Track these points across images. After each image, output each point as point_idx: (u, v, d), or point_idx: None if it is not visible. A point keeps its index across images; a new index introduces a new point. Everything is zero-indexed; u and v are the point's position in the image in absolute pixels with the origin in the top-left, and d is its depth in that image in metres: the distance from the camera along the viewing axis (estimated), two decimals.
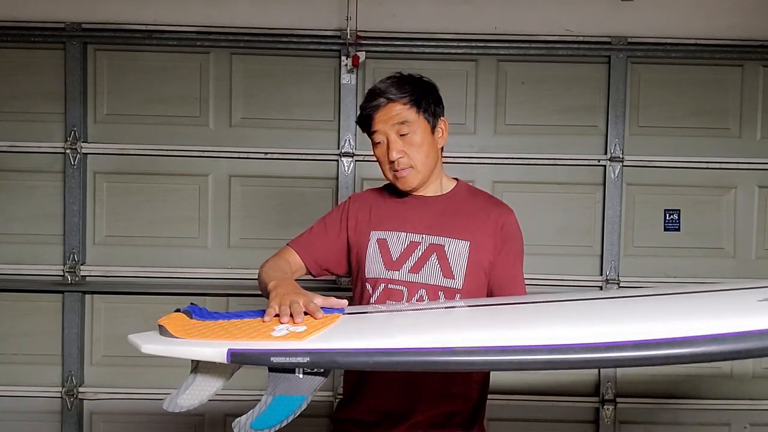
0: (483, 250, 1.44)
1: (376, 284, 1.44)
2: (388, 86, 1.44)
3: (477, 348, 0.97)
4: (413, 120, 1.43)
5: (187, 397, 1.09)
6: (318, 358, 1.00)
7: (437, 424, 1.42)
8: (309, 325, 1.11)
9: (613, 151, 2.64)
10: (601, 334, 0.95)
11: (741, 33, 2.61)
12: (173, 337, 1.08)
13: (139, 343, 1.09)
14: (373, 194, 1.57)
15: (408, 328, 1.23)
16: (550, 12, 2.62)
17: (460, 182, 1.56)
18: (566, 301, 1.32)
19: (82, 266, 2.64)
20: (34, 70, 2.64)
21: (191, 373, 1.11)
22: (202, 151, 2.64)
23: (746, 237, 2.69)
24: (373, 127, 1.45)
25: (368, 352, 0.99)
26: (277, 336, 1.06)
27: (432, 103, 1.47)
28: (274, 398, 1.03)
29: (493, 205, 1.51)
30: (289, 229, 1.62)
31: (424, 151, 1.44)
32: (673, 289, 1.32)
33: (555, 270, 2.65)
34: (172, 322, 1.14)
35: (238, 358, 1.01)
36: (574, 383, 2.68)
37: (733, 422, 2.70)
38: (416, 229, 1.45)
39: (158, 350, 1.07)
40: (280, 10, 2.61)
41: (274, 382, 1.03)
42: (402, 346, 0.99)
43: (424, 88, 1.47)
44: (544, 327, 1.09)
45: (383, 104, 1.43)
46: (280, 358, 1.00)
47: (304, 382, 1.03)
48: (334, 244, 1.52)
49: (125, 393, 2.65)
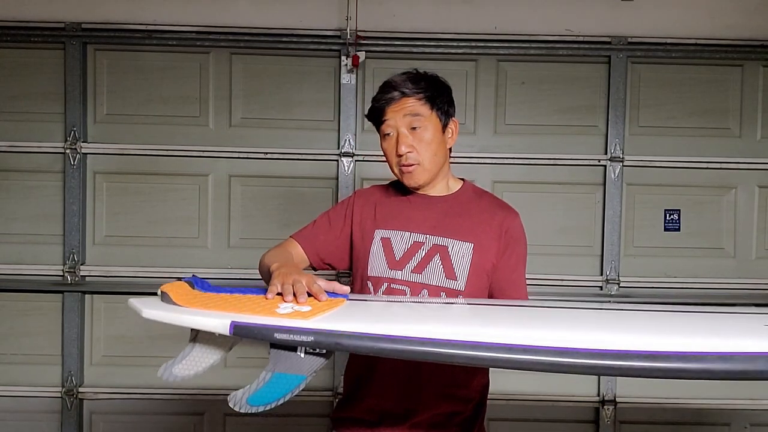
0: (486, 252, 1.43)
1: (379, 283, 1.43)
2: (404, 80, 1.44)
3: (487, 344, 0.96)
4: (426, 115, 1.43)
5: (183, 367, 1.08)
6: (322, 339, 0.99)
7: (437, 424, 1.42)
8: (314, 306, 1.10)
9: (613, 151, 2.64)
10: (608, 342, 0.95)
11: (741, 33, 2.61)
12: (175, 305, 1.07)
13: (140, 308, 1.07)
14: (379, 191, 1.56)
15: (415, 317, 1.21)
16: (550, 12, 2.62)
17: (466, 183, 1.55)
18: (572, 309, 1.31)
19: (81, 266, 2.64)
20: (34, 70, 2.65)
21: (189, 342, 1.10)
22: (202, 151, 2.64)
23: (746, 237, 2.70)
24: (384, 117, 1.44)
25: (373, 337, 0.98)
26: (282, 313, 1.05)
27: (445, 102, 1.47)
28: (273, 375, 1.02)
29: (498, 208, 1.50)
30: (289, 229, 1.61)
31: (432, 148, 1.44)
32: (679, 307, 1.31)
33: (555, 270, 2.65)
34: (175, 289, 1.13)
35: (241, 331, 0.99)
36: (574, 384, 2.68)
37: (733, 422, 2.70)
38: (420, 229, 1.45)
39: (159, 316, 1.05)
40: (280, 10, 2.61)
41: (274, 359, 1.02)
42: (408, 335, 0.98)
43: (439, 87, 1.47)
44: (549, 330, 1.09)
45: (397, 97, 1.42)
46: (283, 335, 0.99)
47: (305, 361, 1.02)
48: (337, 239, 1.51)
49: (125, 393, 2.65)
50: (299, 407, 2.56)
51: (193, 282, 1.19)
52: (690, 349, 0.91)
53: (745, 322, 1.17)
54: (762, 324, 1.08)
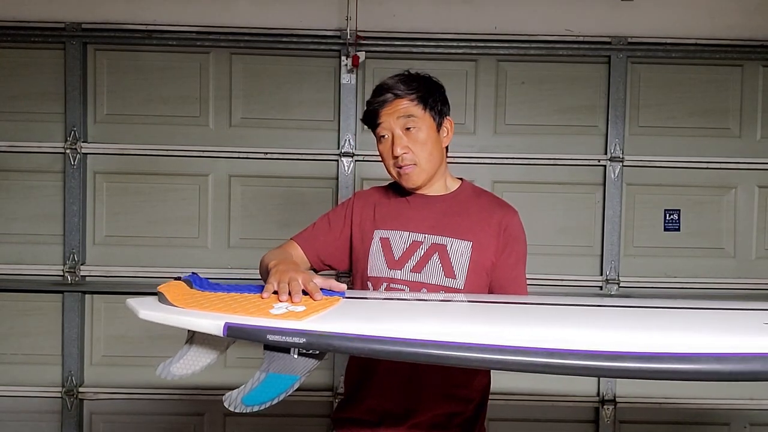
0: (485, 250, 1.43)
1: (378, 283, 1.44)
2: (396, 82, 1.44)
3: (478, 345, 0.96)
4: (419, 116, 1.43)
5: (180, 366, 1.10)
6: (314, 340, 0.99)
7: (438, 424, 1.42)
8: (308, 305, 1.11)
9: (613, 151, 2.64)
10: (605, 343, 0.94)
11: (741, 33, 2.61)
12: (171, 306, 1.08)
13: (137, 308, 1.08)
14: (378, 192, 1.57)
15: (410, 317, 1.21)
16: (550, 12, 2.62)
17: (464, 182, 1.55)
18: (570, 306, 1.31)
19: (82, 266, 2.64)
20: (34, 70, 2.65)
21: (186, 343, 1.11)
22: (202, 151, 2.64)
23: (746, 237, 2.70)
24: (379, 119, 1.44)
25: (365, 339, 0.98)
26: (276, 314, 1.06)
27: (438, 101, 1.47)
28: (267, 375, 1.02)
29: (497, 206, 1.51)
30: (289, 229, 1.62)
31: (428, 148, 1.44)
32: (678, 303, 1.31)
33: (555, 270, 2.65)
34: (171, 290, 1.14)
35: (234, 333, 1.00)
36: (574, 383, 2.68)
37: (733, 422, 2.70)
38: (419, 228, 1.45)
39: (155, 317, 1.06)
40: (280, 10, 2.61)
41: (268, 360, 1.03)
42: (402, 336, 0.98)
43: (431, 86, 1.47)
44: (543, 328, 1.08)
45: (390, 99, 1.43)
46: (276, 337, 0.99)
47: (299, 362, 1.02)
48: (337, 240, 1.52)
49: (125, 393, 2.65)
50: (299, 407, 2.56)
51: (191, 280, 1.20)
52: (686, 350, 0.90)
53: (742, 318, 1.17)
54: (760, 321, 1.07)
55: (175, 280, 1.19)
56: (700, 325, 1.14)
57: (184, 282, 1.19)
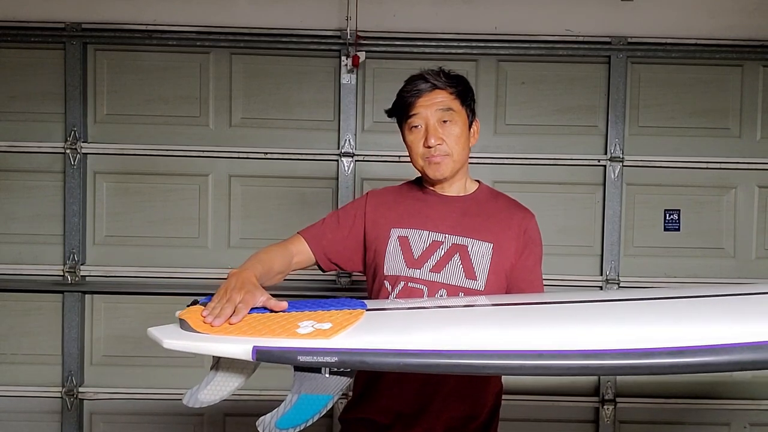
0: (506, 252, 1.43)
1: (396, 282, 1.42)
2: (436, 73, 1.44)
3: (515, 352, 0.94)
4: (457, 110, 1.43)
5: (207, 393, 1.07)
6: (346, 358, 0.97)
7: (452, 428, 1.40)
8: (334, 322, 1.08)
9: (613, 151, 2.64)
10: (632, 340, 0.93)
11: (741, 33, 2.61)
12: (195, 332, 1.05)
13: (161, 338, 1.04)
14: (392, 191, 1.55)
15: (438, 326, 1.18)
16: (550, 12, 2.62)
17: (482, 184, 1.55)
18: (589, 302, 1.28)
19: (82, 266, 2.64)
20: (34, 70, 2.64)
21: (212, 369, 1.08)
22: (202, 151, 2.64)
23: (746, 237, 2.69)
24: (414, 110, 1.43)
25: (400, 353, 0.96)
26: (303, 333, 1.03)
27: (472, 100, 1.48)
28: (299, 397, 1.01)
29: (515, 208, 1.51)
30: (289, 229, 1.61)
31: (461, 143, 1.44)
32: (691, 291, 1.29)
33: (555, 270, 2.64)
34: (192, 315, 1.11)
35: (263, 356, 0.98)
36: (574, 383, 2.68)
37: (733, 422, 2.70)
38: (438, 228, 1.44)
39: (180, 345, 1.03)
40: (280, 10, 2.61)
41: (299, 381, 1.01)
42: (436, 348, 0.95)
43: (468, 85, 1.49)
44: (575, 328, 1.06)
45: (429, 89, 1.42)
46: (307, 357, 0.97)
47: (331, 381, 1.01)
48: (346, 239, 1.49)
49: (125, 393, 2.65)
50: None
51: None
52: (712, 342, 0.90)
53: (760, 304, 1.16)
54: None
55: (192, 305, 1.16)
56: (719, 314, 1.12)
57: (202, 305, 1.15)
